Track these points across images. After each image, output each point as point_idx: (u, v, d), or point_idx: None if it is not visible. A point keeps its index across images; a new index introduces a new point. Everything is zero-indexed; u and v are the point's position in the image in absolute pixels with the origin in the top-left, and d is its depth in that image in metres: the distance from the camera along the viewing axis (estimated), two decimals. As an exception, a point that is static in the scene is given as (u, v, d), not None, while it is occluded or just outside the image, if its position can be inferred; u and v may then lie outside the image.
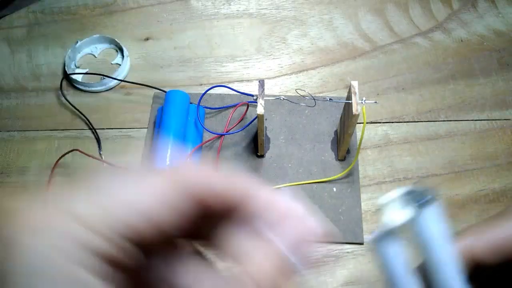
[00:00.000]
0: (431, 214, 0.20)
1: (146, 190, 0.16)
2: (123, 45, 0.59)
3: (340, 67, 0.58)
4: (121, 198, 0.15)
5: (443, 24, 0.61)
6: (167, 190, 0.16)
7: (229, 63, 0.58)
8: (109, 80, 0.56)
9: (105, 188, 0.15)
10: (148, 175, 0.16)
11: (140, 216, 0.15)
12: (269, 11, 0.63)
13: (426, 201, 0.20)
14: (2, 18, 0.63)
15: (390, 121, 0.53)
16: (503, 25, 0.60)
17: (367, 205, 0.48)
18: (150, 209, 0.15)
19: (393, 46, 0.59)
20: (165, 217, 0.16)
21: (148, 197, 0.15)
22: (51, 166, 0.49)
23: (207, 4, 0.64)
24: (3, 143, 0.53)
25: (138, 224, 0.15)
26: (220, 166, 0.18)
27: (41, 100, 0.56)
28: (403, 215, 0.20)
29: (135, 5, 0.64)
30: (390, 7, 0.63)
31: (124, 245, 0.15)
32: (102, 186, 0.15)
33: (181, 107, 0.49)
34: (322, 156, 0.50)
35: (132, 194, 0.15)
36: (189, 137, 0.49)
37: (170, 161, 0.45)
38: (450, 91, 0.55)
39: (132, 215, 0.15)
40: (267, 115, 0.53)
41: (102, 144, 0.52)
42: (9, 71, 0.58)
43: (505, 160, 0.50)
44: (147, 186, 0.16)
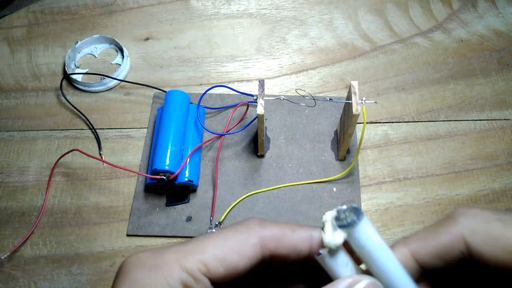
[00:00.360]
0: (361, 230, 0.22)
1: (234, 248, 0.22)
2: (123, 45, 0.59)
3: (340, 67, 0.58)
4: (218, 256, 0.22)
5: (443, 24, 0.61)
6: (251, 248, 0.23)
7: (229, 63, 0.58)
8: (109, 80, 0.56)
9: (208, 248, 0.22)
10: (239, 231, 0.23)
11: (225, 269, 0.22)
12: (269, 11, 0.63)
13: (353, 221, 0.22)
14: (2, 18, 0.63)
15: (390, 121, 0.53)
16: (503, 25, 0.60)
17: (367, 205, 0.48)
18: (234, 263, 0.22)
19: (393, 46, 0.59)
20: (243, 268, 0.22)
21: (235, 255, 0.22)
22: (51, 166, 0.50)
23: (207, 4, 0.64)
24: (3, 143, 0.53)
25: (222, 272, 0.22)
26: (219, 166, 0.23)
27: (41, 100, 0.56)
28: (337, 236, 0.23)
29: (135, 5, 0.64)
30: (390, 7, 0.63)
31: (208, 285, 0.21)
32: (206, 246, 0.22)
33: (181, 107, 0.49)
34: (322, 156, 0.50)
35: (224, 252, 0.22)
36: (189, 137, 0.49)
37: (170, 161, 0.45)
38: (450, 91, 0.55)
39: (220, 267, 0.22)
40: (267, 115, 0.53)
41: (102, 144, 0.52)
42: (9, 71, 0.58)
43: (505, 160, 0.50)
44: (235, 245, 0.22)
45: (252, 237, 0.23)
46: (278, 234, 0.23)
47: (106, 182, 0.50)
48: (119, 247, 0.46)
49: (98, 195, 0.49)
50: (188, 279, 0.21)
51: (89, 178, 0.50)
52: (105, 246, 0.46)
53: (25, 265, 0.45)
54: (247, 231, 0.23)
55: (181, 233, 0.46)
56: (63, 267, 0.45)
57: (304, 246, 0.23)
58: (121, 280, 0.21)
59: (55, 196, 0.49)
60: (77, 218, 0.48)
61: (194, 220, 0.47)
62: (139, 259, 0.22)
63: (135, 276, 0.21)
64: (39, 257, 0.46)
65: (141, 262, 0.21)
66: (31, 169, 0.51)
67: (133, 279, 0.21)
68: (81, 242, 0.46)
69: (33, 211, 0.48)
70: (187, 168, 0.47)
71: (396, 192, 0.48)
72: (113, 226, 0.47)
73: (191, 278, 0.21)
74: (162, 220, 0.47)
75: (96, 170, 0.50)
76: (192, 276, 0.21)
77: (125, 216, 0.47)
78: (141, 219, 0.47)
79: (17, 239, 0.46)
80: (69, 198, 0.49)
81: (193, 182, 0.47)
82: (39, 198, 0.49)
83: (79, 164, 0.51)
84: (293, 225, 0.24)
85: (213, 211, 0.47)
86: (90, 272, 0.45)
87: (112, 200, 0.48)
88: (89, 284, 0.44)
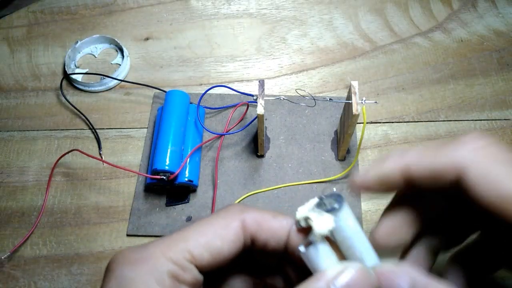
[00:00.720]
0: (344, 215, 0.22)
1: (216, 232, 0.22)
2: (123, 45, 0.59)
3: (340, 67, 0.58)
4: (201, 243, 0.22)
5: (443, 24, 0.61)
6: (232, 231, 0.23)
7: (229, 63, 0.58)
8: (109, 80, 0.56)
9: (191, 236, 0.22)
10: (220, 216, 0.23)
11: (210, 254, 0.22)
12: (269, 11, 0.63)
13: (338, 206, 0.22)
14: (2, 18, 0.63)
15: (390, 121, 0.53)
16: (503, 25, 0.60)
17: (367, 205, 0.47)
18: (218, 248, 0.22)
19: (393, 46, 0.59)
20: (227, 253, 0.22)
21: (218, 240, 0.22)
22: (51, 166, 0.50)
23: (207, 4, 0.64)
24: (3, 143, 0.53)
25: (207, 258, 0.22)
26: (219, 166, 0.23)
27: (41, 100, 0.56)
28: (327, 221, 0.22)
29: (135, 5, 0.64)
30: (390, 7, 0.63)
31: (195, 272, 0.22)
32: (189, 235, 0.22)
33: (181, 107, 0.49)
34: (322, 156, 0.50)
35: (207, 237, 0.22)
36: (189, 137, 0.49)
37: (170, 161, 0.45)
38: (450, 91, 0.55)
39: (204, 253, 0.22)
40: (267, 115, 0.53)
41: (102, 144, 0.52)
42: (9, 71, 0.58)
43: (505, 160, 0.50)
44: (217, 229, 0.23)
45: (234, 221, 0.23)
46: (259, 218, 0.24)
47: (106, 182, 0.50)
48: (119, 247, 0.46)
49: (98, 195, 0.49)
50: (175, 269, 0.21)
51: (89, 178, 0.50)
52: (105, 246, 0.46)
53: (25, 265, 0.45)
54: (228, 215, 0.23)
55: (181, 233, 0.46)
56: (63, 267, 0.45)
57: (283, 232, 0.23)
58: (107, 278, 0.21)
59: (55, 196, 0.49)
60: (77, 218, 0.48)
61: (194, 220, 0.47)
62: (123, 256, 0.21)
63: (120, 272, 0.21)
64: (39, 257, 0.46)
65: (126, 258, 0.21)
66: (31, 169, 0.51)
67: (119, 276, 0.21)
68: (81, 242, 0.46)
69: (33, 211, 0.48)
70: (187, 168, 0.47)
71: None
72: (113, 226, 0.47)
73: (178, 267, 0.21)
74: (162, 220, 0.47)
75: (96, 170, 0.50)
76: (179, 266, 0.21)
77: (125, 216, 0.47)
78: (141, 219, 0.47)
79: (17, 239, 0.46)
80: (69, 198, 0.49)
81: (193, 182, 0.47)
82: (39, 198, 0.49)
83: (79, 164, 0.51)
84: (274, 212, 0.24)
85: (213, 211, 0.47)
86: (90, 272, 0.45)
87: (112, 200, 0.48)
88: (89, 284, 0.44)
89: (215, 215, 0.24)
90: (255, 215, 0.24)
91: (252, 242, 0.24)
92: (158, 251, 0.21)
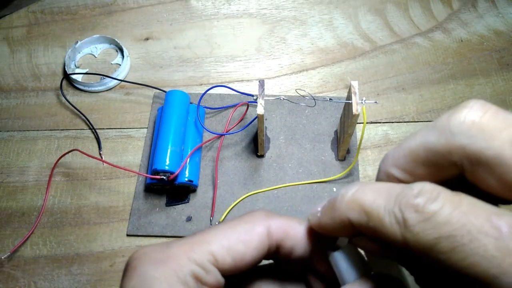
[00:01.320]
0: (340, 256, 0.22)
1: (240, 237, 0.22)
2: (123, 45, 0.59)
3: (340, 67, 0.58)
4: (225, 246, 0.22)
5: (443, 24, 0.61)
6: (256, 236, 0.22)
7: (229, 63, 0.58)
8: (109, 80, 0.56)
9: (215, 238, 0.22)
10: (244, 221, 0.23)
11: (233, 258, 0.22)
12: (269, 11, 0.63)
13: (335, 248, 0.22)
14: (2, 18, 0.63)
15: (390, 121, 0.53)
16: (503, 25, 0.60)
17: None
18: (241, 253, 0.22)
19: (393, 46, 0.59)
20: (250, 259, 0.22)
21: (242, 245, 0.22)
22: (51, 166, 0.50)
23: (207, 4, 0.64)
24: (3, 143, 0.53)
25: (230, 262, 0.22)
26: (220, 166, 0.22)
27: (41, 100, 0.56)
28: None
29: (135, 5, 0.64)
30: (390, 7, 0.63)
31: (218, 275, 0.21)
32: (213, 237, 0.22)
33: (181, 107, 0.49)
34: (322, 156, 0.50)
35: (230, 241, 0.22)
36: (189, 137, 0.49)
37: (170, 161, 0.45)
38: (450, 91, 0.55)
39: (227, 257, 0.21)
40: (267, 115, 0.53)
41: (102, 144, 0.52)
42: (9, 71, 0.58)
43: (505, 160, 0.50)
44: (241, 234, 0.22)
45: (258, 227, 0.22)
46: (285, 225, 0.23)
47: (106, 182, 0.50)
48: (119, 247, 0.46)
49: (98, 195, 0.49)
50: (198, 271, 0.21)
51: (89, 178, 0.50)
52: (105, 246, 0.46)
53: (25, 265, 0.45)
54: (253, 221, 0.23)
55: (181, 233, 0.46)
56: (63, 267, 0.45)
57: (310, 240, 0.23)
58: (129, 276, 0.21)
59: (55, 196, 0.49)
60: (77, 218, 0.48)
61: (194, 220, 0.47)
62: (146, 254, 0.21)
63: (143, 271, 0.21)
64: (39, 257, 0.46)
65: (149, 257, 0.21)
66: (31, 169, 0.51)
67: (142, 274, 0.20)
68: (81, 242, 0.46)
69: (33, 211, 0.48)
70: (187, 168, 0.47)
71: (396, 192, 0.48)
72: (113, 226, 0.47)
73: (201, 269, 0.21)
74: (162, 220, 0.47)
75: (96, 170, 0.50)
76: (202, 267, 0.21)
77: (125, 216, 0.47)
78: (141, 219, 0.47)
79: (17, 239, 0.46)
80: (69, 198, 0.49)
81: (193, 182, 0.47)
82: (39, 198, 0.49)
83: (79, 164, 0.51)
84: (299, 219, 0.24)
85: (213, 211, 0.47)
86: (90, 272, 0.45)
87: (112, 200, 0.48)
88: (89, 284, 0.44)
89: (239, 219, 0.23)
90: (281, 222, 0.23)
91: (277, 249, 0.23)
92: (181, 251, 0.21)
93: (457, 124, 0.17)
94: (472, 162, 0.17)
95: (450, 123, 0.17)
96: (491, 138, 0.16)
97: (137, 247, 0.46)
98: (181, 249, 0.21)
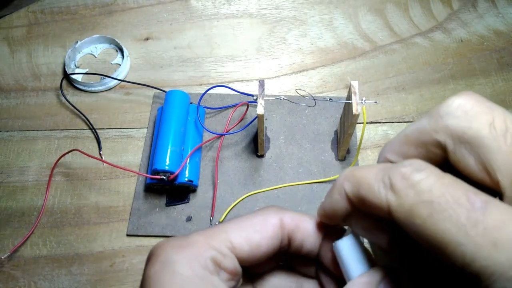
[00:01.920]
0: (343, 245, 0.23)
1: (256, 227, 0.24)
2: (123, 45, 0.59)
3: (340, 67, 0.58)
4: (242, 235, 0.23)
5: (443, 24, 0.61)
6: (271, 227, 0.24)
7: (229, 63, 0.58)
8: (109, 80, 0.56)
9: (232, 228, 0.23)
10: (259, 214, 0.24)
11: (250, 247, 0.23)
12: (269, 11, 0.63)
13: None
14: (2, 18, 0.63)
15: (390, 121, 0.53)
16: (503, 25, 0.60)
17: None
18: (257, 242, 0.23)
19: (393, 46, 0.59)
20: (265, 248, 0.23)
21: (257, 234, 0.23)
22: (51, 166, 0.50)
23: (207, 4, 0.64)
24: (3, 143, 0.53)
25: (247, 249, 0.23)
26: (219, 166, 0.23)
27: (41, 100, 0.56)
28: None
29: (135, 5, 0.64)
30: (390, 7, 0.63)
31: (235, 261, 0.23)
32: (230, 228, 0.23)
33: (181, 107, 0.49)
34: (322, 156, 0.50)
35: (247, 231, 0.23)
36: (189, 137, 0.49)
37: (170, 161, 0.45)
38: (450, 91, 0.55)
39: (244, 245, 0.23)
40: (267, 115, 0.53)
41: (102, 144, 0.52)
42: (9, 71, 0.58)
43: (505, 160, 0.50)
44: (256, 225, 0.24)
45: (272, 218, 0.24)
46: (297, 218, 0.25)
47: (106, 182, 0.50)
48: (119, 247, 0.46)
49: (98, 195, 0.49)
50: (217, 256, 0.22)
51: (89, 178, 0.50)
52: (105, 246, 0.46)
53: (25, 265, 0.45)
54: (267, 213, 0.24)
55: (181, 233, 0.46)
56: (63, 267, 0.45)
57: (319, 234, 0.24)
58: (152, 262, 0.22)
59: (55, 196, 0.49)
60: (77, 218, 0.48)
61: (194, 220, 0.47)
62: (168, 242, 0.23)
63: (166, 256, 0.22)
64: (39, 257, 0.46)
65: (170, 244, 0.22)
66: (31, 169, 0.51)
67: (164, 259, 0.22)
68: (81, 242, 0.46)
69: (33, 211, 0.48)
70: (187, 168, 0.47)
71: (396, 192, 0.48)
72: (113, 226, 0.47)
73: (220, 254, 0.22)
74: (162, 220, 0.47)
75: (96, 170, 0.50)
76: (221, 253, 0.22)
77: (125, 216, 0.47)
78: (141, 219, 0.47)
79: (17, 239, 0.46)
80: (69, 198, 0.49)
81: (193, 182, 0.47)
82: (39, 198, 0.49)
83: (79, 164, 0.51)
84: (310, 215, 0.25)
85: (213, 211, 0.47)
86: (90, 272, 0.45)
87: (112, 200, 0.48)
88: (89, 284, 0.44)
89: (254, 212, 0.25)
90: (293, 215, 0.25)
91: (289, 242, 0.25)
92: (201, 239, 0.22)
93: (444, 107, 0.19)
94: (454, 141, 0.18)
95: (440, 107, 0.19)
96: (472, 119, 0.18)
97: (137, 247, 0.46)
98: (201, 237, 0.23)
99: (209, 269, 0.21)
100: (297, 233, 0.24)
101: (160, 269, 0.21)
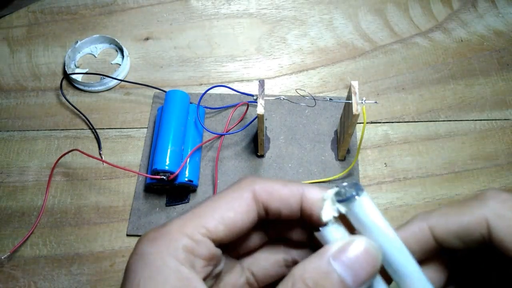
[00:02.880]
0: (360, 204, 0.22)
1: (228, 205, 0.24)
2: (123, 45, 0.59)
3: (340, 67, 0.58)
4: (215, 217, 0.23)
5: (443, 24, 0.61)
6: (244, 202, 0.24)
7: (229, 63, 0.58)
8: (109, 80, 0.56)
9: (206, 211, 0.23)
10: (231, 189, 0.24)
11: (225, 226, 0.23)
12: (269, 11, 0.63)
13: (352, 195, 0.22)
14: (2, 18, 0.63)
15: (390, 121, 0.53)
16: (503, 25, 0.60)
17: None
18: (232, 220, 0.23)
19: (393, 46, 0.59)
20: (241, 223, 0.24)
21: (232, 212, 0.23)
22: (51, 166, 0.50)
23: (207, 4, 0.64)
24: (3, 143, 0.53)
25: (223, 230, 0.23)
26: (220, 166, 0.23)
27: (41, 100, 0.56)
28: (333, 210, 0.23)
29: (135, 5, 0.64)
30: (390, 7, 0.63)
31: (210, 246, 0.23)
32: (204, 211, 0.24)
33: (181, 107, 0.49)
34: (322, 156, 0.50)
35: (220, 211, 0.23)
36: (189, 137, 0.49)
37: (170, 161, 0.45)
38: (450, 91, 0.55)
39: (219, 226, 0.23)
40: (267, 115, 0.53)
41: (102, 144, 0.52)
42: (9, 71, 0.58)
43: (505, 160, 0.50)
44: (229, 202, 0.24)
45: (245, 192, 0.24)
46: (269, 187, 0.25)
47: (106, 182, 0.50)
48: (119, 247, 0.46)
49: (98, 195, 0.49)
50: (190, 244, 0.22)
51: (89, 178, 0.50)
52: (105, 246, 0.46)
53: (25, 265, 0.45)
54: (240, 188, 0.25)
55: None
56: (63, 267, 0.45)
57: (294, 199, 0.24)
58: (131, 255, 0.23)
59: (55, 196, 0.49)
60: (77, 218, 0.48)
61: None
62: (146, 235, 0.23)
63: (141, 249, 0.23)
64: (39, 257, 0.46)
65: (147, 237, 0.23)
66: (31, 169, 0.51)
67: (140, 252, 0.22)
68: (81, 242, 0.46)
69: (33, 211, 0.48)
70: (187, 168, 0.47)
71: (396, 192, 0.48)
72: (113, 226, 0.47)
73: (192, 241, 0.22)
74: (162, 220, 0.47)
75: (96, 170, 0.50)
76: (193, 240, 0.22)
77: (125, 216, 0.47)
78: (141, 219, 0.47)
79: (17, 239, 0.46)
80: (69, 198, 0.49)
81: (193, 182, 0.47)
82: (39, 198, 0.49)
83: (79, 164, 0.51)
84: (286, 181, 0.25)
85: (213, 211, 0.47)
86: (90, 272, 0.45)
87: (112, 200, 0.48)
88: (89, 284, 0.44)
89: (228, 189, 0.25)
90: (265, 185, 0.25)
91: (266, 212, 0.25)
92: (175, 227, 0.23)
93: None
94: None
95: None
96: None
97: (137, 247, 0.46)
98: (175, 225, 0.23)
99: (180, 259, 0.22)
100: (271, 201, 0.24)
101: (135, 261, 0.22)
